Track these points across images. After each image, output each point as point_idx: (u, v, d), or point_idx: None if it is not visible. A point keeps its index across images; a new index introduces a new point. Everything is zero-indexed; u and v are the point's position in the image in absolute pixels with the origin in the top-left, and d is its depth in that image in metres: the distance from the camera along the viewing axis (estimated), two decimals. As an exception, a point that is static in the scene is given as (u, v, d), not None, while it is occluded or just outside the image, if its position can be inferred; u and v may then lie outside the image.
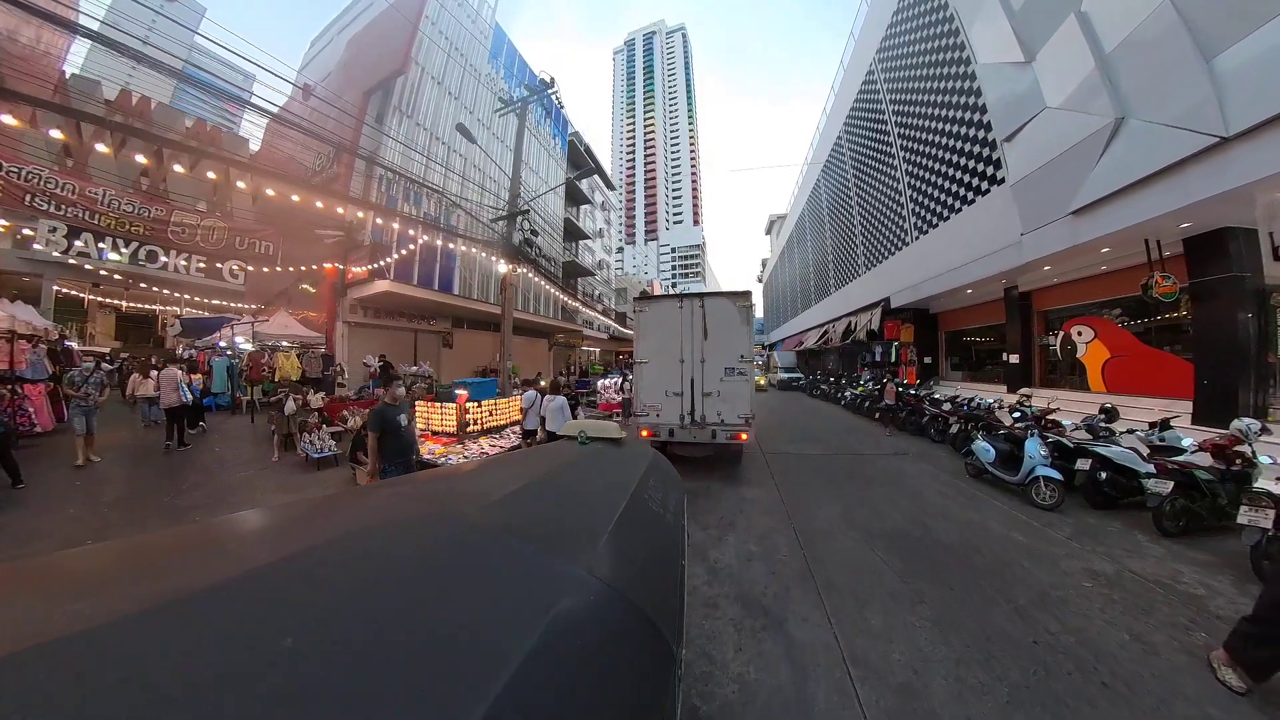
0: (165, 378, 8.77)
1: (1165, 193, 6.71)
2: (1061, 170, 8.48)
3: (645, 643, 0.88)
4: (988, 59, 10.76)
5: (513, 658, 0.61)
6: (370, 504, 1.31)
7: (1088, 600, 3.67)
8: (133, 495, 6.08)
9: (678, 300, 7.32)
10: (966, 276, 12.00)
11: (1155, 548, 4.71)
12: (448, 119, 17.73)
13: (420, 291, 14.88)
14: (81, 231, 10.64)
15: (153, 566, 0.81)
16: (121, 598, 0.65)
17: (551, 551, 0.99)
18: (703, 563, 4.06)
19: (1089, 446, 5.92)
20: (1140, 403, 8.57)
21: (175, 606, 0.61)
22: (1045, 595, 3.70)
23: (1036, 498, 5.75)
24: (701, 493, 6.14)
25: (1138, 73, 7.18)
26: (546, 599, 0.79)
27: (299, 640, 0.58)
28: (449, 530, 1.02)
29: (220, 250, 12.76)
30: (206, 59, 56.66)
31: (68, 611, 0.59)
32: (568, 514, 1.29)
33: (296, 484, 7.31)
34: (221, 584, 0.68)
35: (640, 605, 0.91)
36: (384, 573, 0.83)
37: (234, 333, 12.84)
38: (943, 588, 3.70)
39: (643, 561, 1.16)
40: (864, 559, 4.17)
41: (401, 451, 4.69)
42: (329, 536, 0.98)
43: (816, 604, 3.42)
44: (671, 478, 2.01)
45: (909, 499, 6.00)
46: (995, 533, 4.89)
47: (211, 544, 0.99)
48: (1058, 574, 4.06)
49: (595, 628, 0.80)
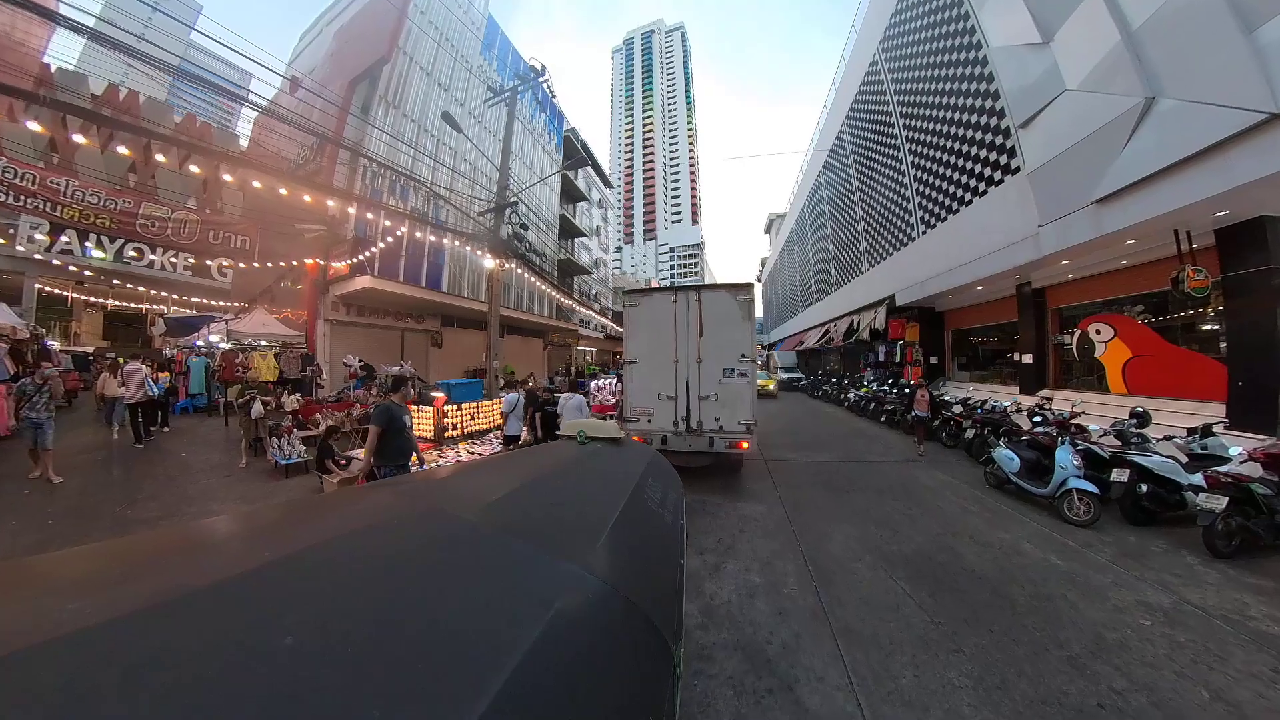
0: (130, 373, 8.58)
1: (1203, 177, 6.15)
2: (1083, 156, 7.92)
3: (644, 641, 0.88)
4: (1001, 42, 10.20)
5: (513, 655, 0.60)
6: (370, 503, 1.29)
7: (1150, 644, 3.12)
8: (83, 506, 5.61)
9: (671, 293, 6.64)
10: (977, 272, 11.43)
11: (1210, 572, 4.17)
12: (436, 111, 17.13)
13: (406, 288, 14.28)
14: (64, 228, 10.36)
15: (155, 565, 0.82)
16: (123, 596, 0.65)
17: (551, 550, 0.99)
18: (697, 598, 3.46)
19: (1126, 456, 5.35)
20: (1166, 405, 8.02)
21: (177, 605, 0.61)
22: (1100, 638, 3.14)
23: (1069, 513, 5.18)
24: (697, 508, 5.53)
25: (1170, 49, 6.62)
26: (546, 597, 0.78)
27: (299, 638, 0.57)
28: (449, 529, 1.03)
29: (192, 245, 12.15)
30: (201, 55, 56.12)
31: (68, 610, 0.58)
32: (567, 513, 1.29)
33: (260, 493, 6.78)
34: (222, 582, 0.68)
35: (639, 604, 0.91)
36: (384, 572, 0.82)
37: (210, 331, 12.24)
38: (981, 631, 3.13)
39: (642, 560, 1.16)
40: (885, 593, 3.59)
41: (402, 453, 4.46)
42: (329, 535, 0.98)
43: (833, 655, 2.84)
44: (671, 477, 1.96)
45: (928, 515, 5.43)
46: (1030, 557, 4.32)
47: (213, 543, 1.01)
48: (1109, 609, 3.51)
49: (594, 626, 0.80)
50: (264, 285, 15.14)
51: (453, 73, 18.98)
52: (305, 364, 11.88)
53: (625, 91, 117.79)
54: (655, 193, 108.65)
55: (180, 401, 12.01)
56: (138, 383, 8.46)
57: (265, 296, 15.12)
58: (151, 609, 0.59)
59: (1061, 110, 8.50)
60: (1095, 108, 7.65)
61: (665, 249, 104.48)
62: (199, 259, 12.81)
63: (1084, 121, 7.89)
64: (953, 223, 12.83)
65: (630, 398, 6.71)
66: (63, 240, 10.50)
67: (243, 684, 0.49)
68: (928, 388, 9.94)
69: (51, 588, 0.71)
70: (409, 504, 1.24)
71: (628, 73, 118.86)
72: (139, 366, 8.76)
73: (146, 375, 8.72)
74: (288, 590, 0.69)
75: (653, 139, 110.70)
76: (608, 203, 44.20)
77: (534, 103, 25.76)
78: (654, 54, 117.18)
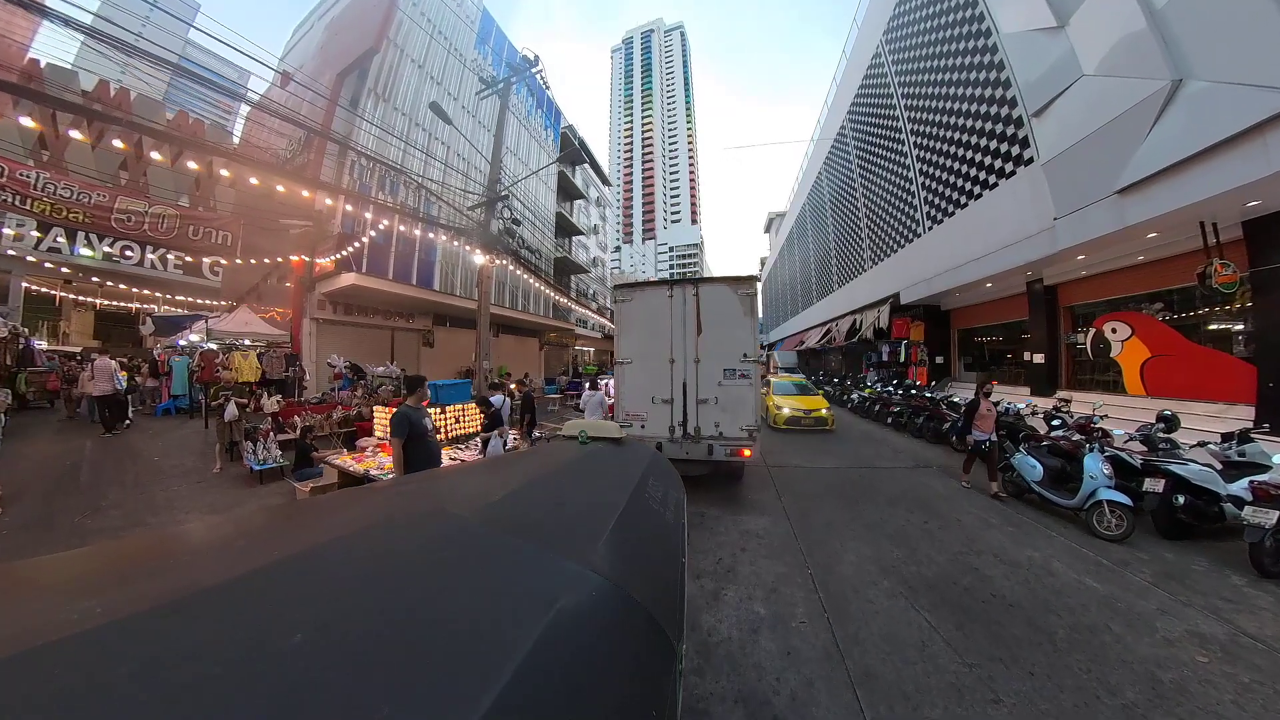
0: (100, 366, 8.86)
1: (1237, 163, 5.74)
2: (1104, 144, 7.50)
3: (647, 638, 0.87)
4: (1012, 28, 9.79)
5: (516, 653, 0.60)
6: (373, 503, 1.30)
7: (1212, 686, 2.71)
8: (41, 514, 5.22)
9: (666, 287, 6.15)
10: (986, 269, 11.01)
11: (1261, 595, 3.78)
12: (428, 104, 16.69)
13: (394, 286, 13.82)
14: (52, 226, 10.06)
15: (162, 566, 0.83)
16: (130, 596, 0.65)
17: (553, 549, 0.99)
18: (693, 632, 3.03)
19: (1161, 464, 4.93)
20: (1189, 408, 7.60)
21: (185, 604, 0.61)
22: (1156, 681, 2.73)
23: (1099, 526, 4.77)
24: (694, 522, 5.08)
25: (1199, 28, 6.22)
26: (548, 595, 0.78)
27: (306, 637, 0.57)
28: (451, 528, 1.02)
29: (170, 240, 11.69)
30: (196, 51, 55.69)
31: (77, 610, 0.58)
32: (569, 512, 1.28)
33: (230, 501, 6.37)
34: (230, 582, 0.69)
35: (641, 601, 0.91)
36: (388, 571, 0.82)
37: (191, 330, 11.80)
38: (1019, 674, 2.71)
39: (643, 558, 1.15)
40: (907, 626, 3.15)
41: (429, 460, 4.10)
42: (333, 535, 0.98)
43: (851, 710, 2.40)
44: (672, 477, 1.95)
45: (947, 529, 4.99)
46: (1063, 578, 3.90)
47: (215, 542, 1.03)
48: (1159, 643, 3.09)
49: (597, 623, 0.80)
50: (252, 283, 14.72)
51: (446, 66, 18.53)
52: (289, 364, 11.44)
53: (624, 91, 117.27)
54: (654, 192, 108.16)
55: (163, 403, 11.60)
56: (106, 376, 8.73)
57: (253, 295, 14.69)
58: (160, 609, 0.59)
59: (1078, 97, 8.09)
60: (1116, 93, 7.24)
61: (664, 248, 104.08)
62: (195, 257, 12.49)
63: (1103, 108, 7.48)
64: (960, 217, 12.41)
65: (623, 401, 6.23)
66: (51, 239, 10.20)
67: (252, 681, 0.49)
68: (989, 397, 6.34)
69: (58, 588, 0.72)
70: (412, 504, 1.25)
71: (627, 72, 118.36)
72: (108, 361, 8.96)
73: (115, 370, 8.98)
74: (294, 589, 0.70)
75: (652, 138, 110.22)
76: (606, 201, 43.74)
77: (530, 98, 25.31)
78: (653, 53, 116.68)
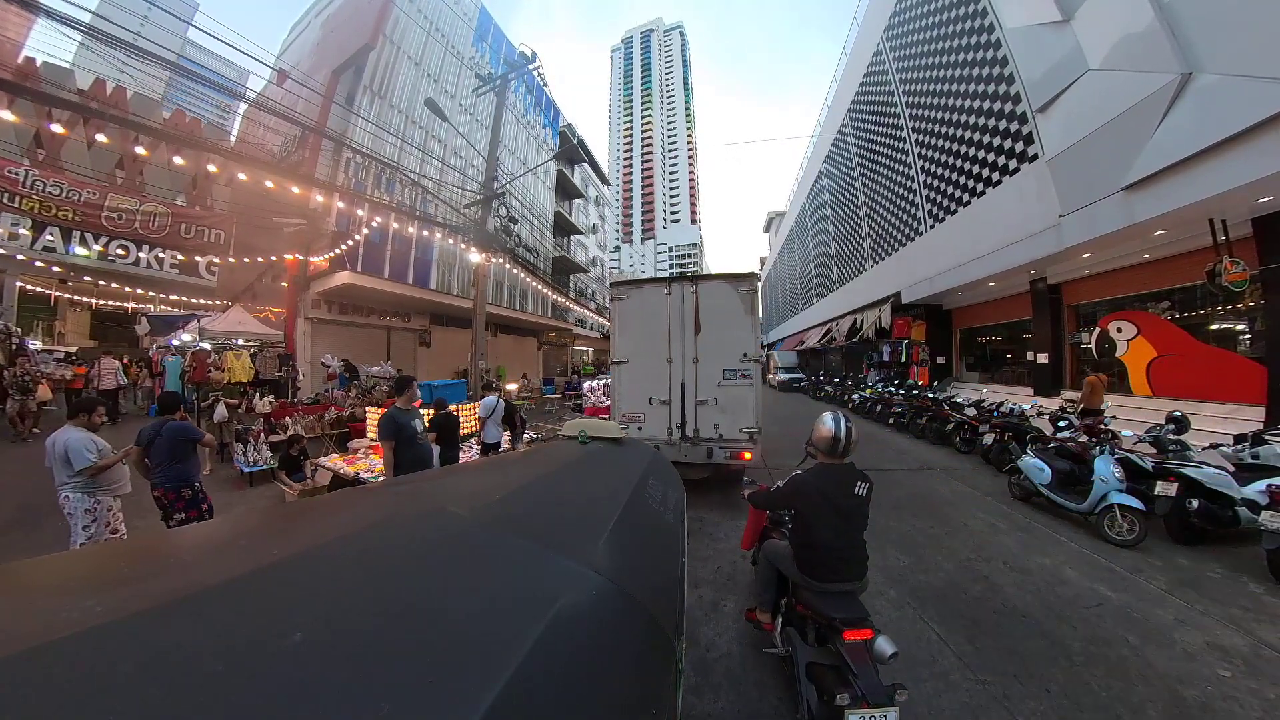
0: (106, 365, 10.50)
1: (1250, 158, 5.60)
2: (1111, 140, 7.36)
3: (646, 637, 0.87)
4: (1016, 23, 9.64)
5: (517, 652, 0.60)
6: (374, 503, 1.28)
7: (1238, 705, 2.56)
8: (15, 520, 5.11)
9: (665, 285, 5.97)
10: (990, 267, 10.87)
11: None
12: (424, 101, 16.55)
13: (390, 285, 13.67)
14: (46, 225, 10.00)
15: (164, 565, 0.83)
16: (134, 595, 0.65)
17: (553, 548, 0.98)
18: (691, 648, 2.88)
19: (1174, 467, 4.79)
20: (1197, 408, 7.46)
21: (188, 603, 0.61)
22: (1178, 699, 2.58)
23: (1110, 531, 4.62)
24: (693, 529, 4.90)
25: (1210, 19, 6.07)
26: (549, 594, 0.78)
27: (308, 636, 0.57)
28: (453, 528, 1.02)
29: (162, 238, 11.52)
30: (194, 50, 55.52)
31: (80, 608, 0.58)
32: (569, 512, 1.27)
33: (218, 505, 6.09)
34: (231, 581, 0.69)
35: (641, 600, 0.90)
36: (389, 570, 0.82)
37: (183, 330, 11.62)
38: (1036, 691, 2.57)
39: (643, 557, 1.15)
40: (916, 640, 2.99)
41: (419, 463, 4.05)
42: (334, 535, 0.97)
43: (860, 732, 2.26)
44: (671, 476, 1.94)
45: (954, 535, 4.84)
46: (1076, 587, 3.75)
47: (215, 542, 1.03)
48: (1179, 656, 2.95)
49: (597, 622, 0.79)
50: (247, 283, 14.55)
51: (443, 63, 18.37)
52: (282, 364, 11.27)
53: (624, 90, 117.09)
54: (654, 192, 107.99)
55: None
56: (111, 374, 10.43)
57: (248, 294, 14.52)
58: (163, 607, 0.59)
59: (1084, 92, 7.94)
60: (1123, 87, 7.09)
61: (664, 248, 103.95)
62: (189, 257, 12.34)
63: (1110, 103, 7.33)
64: (963, 215, 12.26)
65: (620, 402, 6.07)
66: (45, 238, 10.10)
67: (253, 680, 0.49)
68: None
69: (58, 588, 0.72)
70: (412, 503, 1.24)
71: (626, 72, 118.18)
72: (113, 361, 10.61)
73: (119, 368, 10.65)
74: (295, 588, 0.69)
75: (651, 138, 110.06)
76: (605, 201, 43.58)
77: (528, 96, 25.15)
78: (653, 53, 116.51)
